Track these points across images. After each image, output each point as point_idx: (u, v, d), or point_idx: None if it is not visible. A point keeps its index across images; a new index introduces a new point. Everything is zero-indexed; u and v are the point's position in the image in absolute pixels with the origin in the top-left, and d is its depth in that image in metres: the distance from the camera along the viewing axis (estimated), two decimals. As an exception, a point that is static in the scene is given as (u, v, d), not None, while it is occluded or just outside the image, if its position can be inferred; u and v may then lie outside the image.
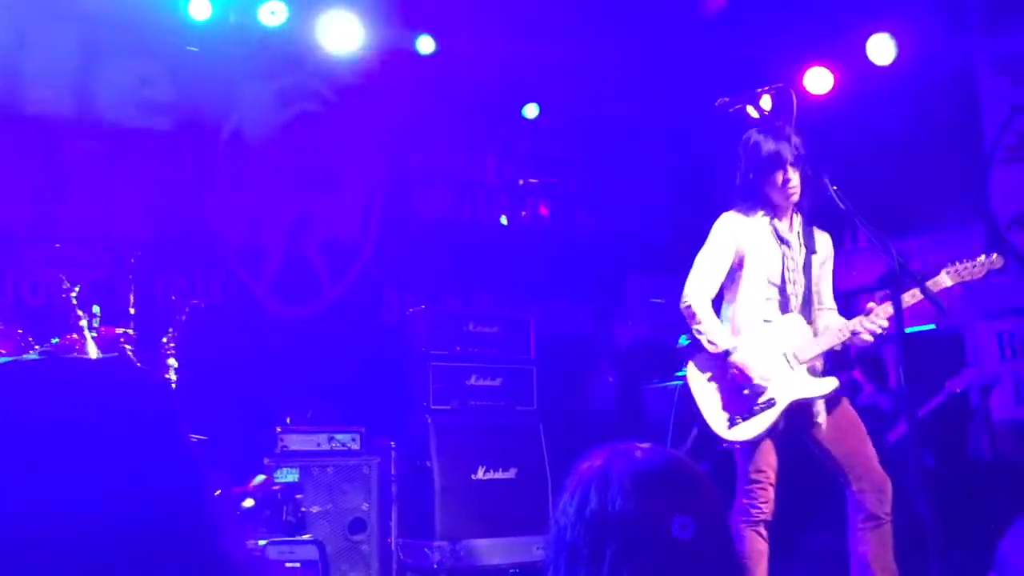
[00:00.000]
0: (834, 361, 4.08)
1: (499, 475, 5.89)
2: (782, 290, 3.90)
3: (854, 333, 3.79)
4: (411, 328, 6.26)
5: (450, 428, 5.90)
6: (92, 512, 0.87)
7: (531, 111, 7.57)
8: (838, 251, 4.23)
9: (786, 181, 3.82)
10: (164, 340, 5.06)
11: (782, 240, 3.91)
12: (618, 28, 6.70)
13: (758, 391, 3.78)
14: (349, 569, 5.53)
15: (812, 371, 3.87)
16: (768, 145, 3.81)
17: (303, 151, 6.92)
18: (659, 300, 7.08)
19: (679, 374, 6.11)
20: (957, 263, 3.75)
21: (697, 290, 3.92)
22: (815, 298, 3.96)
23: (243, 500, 5.00)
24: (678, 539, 1.29)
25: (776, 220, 3.94)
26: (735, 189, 3.97)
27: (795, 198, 3.88)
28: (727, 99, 3.95)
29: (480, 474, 5.85)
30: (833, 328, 3.88)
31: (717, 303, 3.99)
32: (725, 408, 3.83)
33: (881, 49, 6.22)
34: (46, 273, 5.58)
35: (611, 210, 8.03)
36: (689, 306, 3.92)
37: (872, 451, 3.88)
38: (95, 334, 4.78)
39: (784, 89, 3.80)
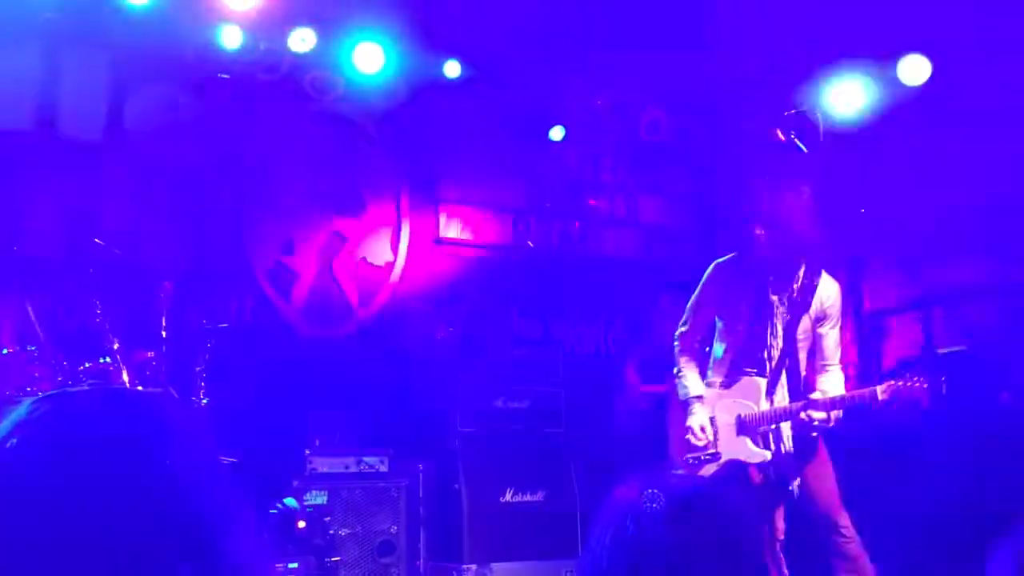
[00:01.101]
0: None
1: (527, 498, 5.87)
2: (758, 349, 3.94)
3: (795, 416, 3.82)
4: (439, 351, 6.27)
5: (478, 451, 5.90)
6: (129, 544, 0.89)
7: (557, 133, 7.59)
8: (868, 273, 4.22)
9: (755, 237, 3.85)
10: (195, 364, 5.11)
11: (765, 301, 3.91)
12: (644, 50, 6.72)
13: (707, 446, 4.00)
14: (378, 592, 5.53)
15: (756, 440, 3.95)
16: (749, 196, 4.01)
17: (333, 175, 6.98)
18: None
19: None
20: (895, 380, 3.66)
21: (681, 336, 4.14)
22: (803, 355, 3.94)
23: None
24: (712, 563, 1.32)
25: (766, 276, 3.93)
26: (729, 236, 4.12)
27: (766, 253, 3.87)
28: (751, 122, 3.95)
29: (508, 497, 5.84)
30: (781, 406, 3.91)
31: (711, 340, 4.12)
32: (683, 447, 4.10)
33: (914, 70, 6.16)
34: (79, 297, 5.67)
35: (641, 232, 8.02)
36: (674, 347, 4.15)
37: (837, 501, 3.95)
38: (127, 358, 4.84)
39: (809, 112, 3.79)
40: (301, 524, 5.10)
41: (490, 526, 5.71)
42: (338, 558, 5.28)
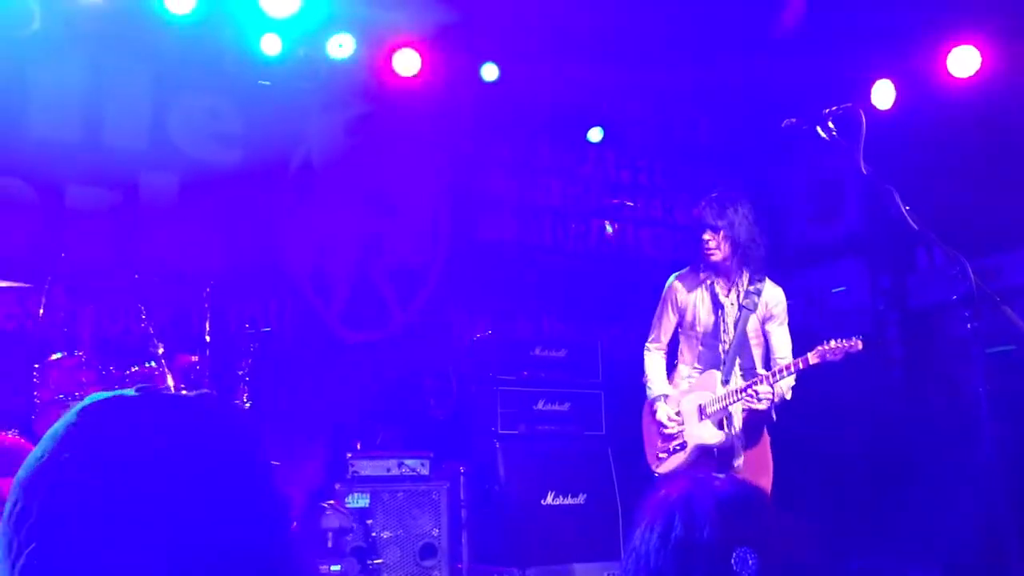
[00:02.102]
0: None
1: (568, 501, 5.86)
2: (713, 347, 4.46)
3: (748, 396, 4.27)
4: (479, 353, 6.28)
5: (519, 453, 5.89)
6: (182, 552, 0.88)
7: (595, 135, 7.58)
8: (914, 271, 4.25)
9: (704, 243, 4.36)
10: (238, 368, 5.17)
11: (717, 303, 4.46)
12: (682, 49, 6.68)
13: (673, 434, 4.48)
14: (420, 595, 5.54)
15: (718, 423, 4.41)
16: (695, 211, 4.44)
17: (371, 179, 7.02)
18: None
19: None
20: (824, 343, 4.18)
21: (648, 344, 4.70)
22: (756, 352, 4.46)
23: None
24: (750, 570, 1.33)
25: (717, 282, 4.47)
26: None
27: (714, 258, 4.36)
28: (794, 120, 3.90)
29: (549, 499, 5.83)
30: (732, 387, 4.37)
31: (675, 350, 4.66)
32: (655, 445, 4.58)
33: (964, 61, 6.07)
34: (125, 303, 5.76)
35: (678, 233, 7.97)
36: (644, 355, 4.69)
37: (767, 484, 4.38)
38: (171, 363, 4.91)
39: (853, 108, 3.74)
40: (335, 523, 5.13)
41: (531, 529, 5.70)
42: (380, 560, 5.30)
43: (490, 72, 6.88)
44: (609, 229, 7.79)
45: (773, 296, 4.50)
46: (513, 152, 7.57)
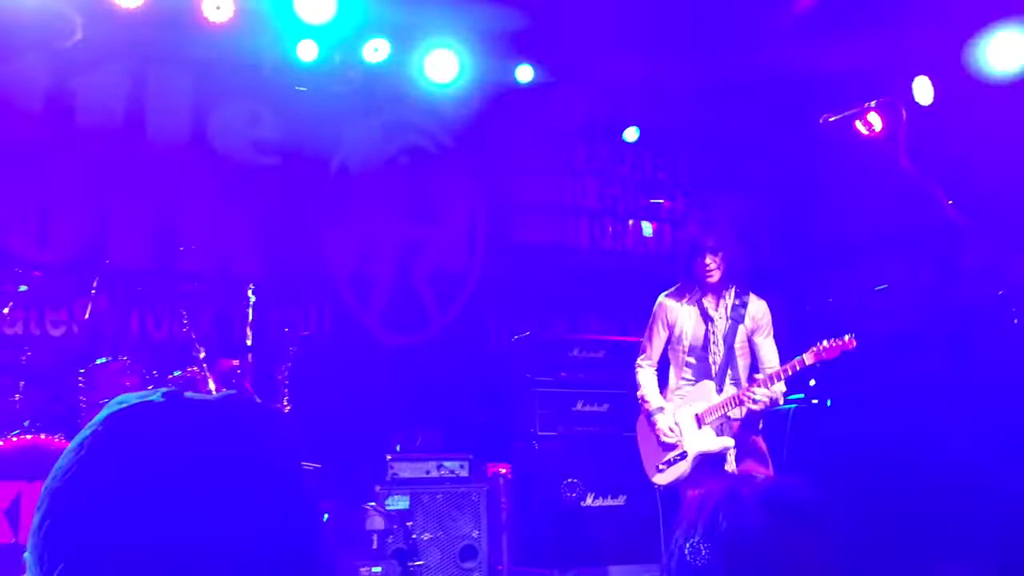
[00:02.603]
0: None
1: (608, 502, 5.83)
2: (703, 359, 4.63)
3: (741, 403, 4.44)
4: (517, 355, 6.28)
5: (558, 455, 5.88)
6: (209, 555, 0.88)
7: (631, 135, 7.55)
8: (954, 269, 4.21)
9: (704, 266, 4.55)
10: (278, 371, 5.22)
11: (707, 317, 4.64)
12: (718, 47, 6.63)
13: (673, 445, 4.57)
14: (461, 596, 5.55)
15: (718, 430, 4.55)
16: (690, 234, 4.66)
17: (409, 183, 7.06)
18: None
19: (791, 397, 5.97)
20: (819, 343, 4.37)
21: (640, 362, 4.83)
22: (742, 362, 4.63)
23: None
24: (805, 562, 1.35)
25: (705, 298, 4.66)
26: (679, 269, 4.73)
27: (713, 278, 4.57)
28: (833, 116, 3.86)
29: (589, 501, 5.81)
30: (727, 396, 4.52)
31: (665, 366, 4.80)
32: (654, 457, 4.67)
33: (1005, 54, 5.95)
34: (168, 308, 5.84)
35: (722, 226, 7.91)
36: (635, 374, 4.81)
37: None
38: (213, 366, 4.97)
39: (893, 102, 3.69)
40: (379, 525, 5.17)
41: (571, 530, 5.68)
42: (421, 562, 5.31)
43: (525, 74, 6.88)
44: (648, 231, 7.76)
45: (759, 309, 4.71)
46: (549, 154, 7.56)
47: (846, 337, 4.36)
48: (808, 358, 4.40)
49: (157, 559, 0.86)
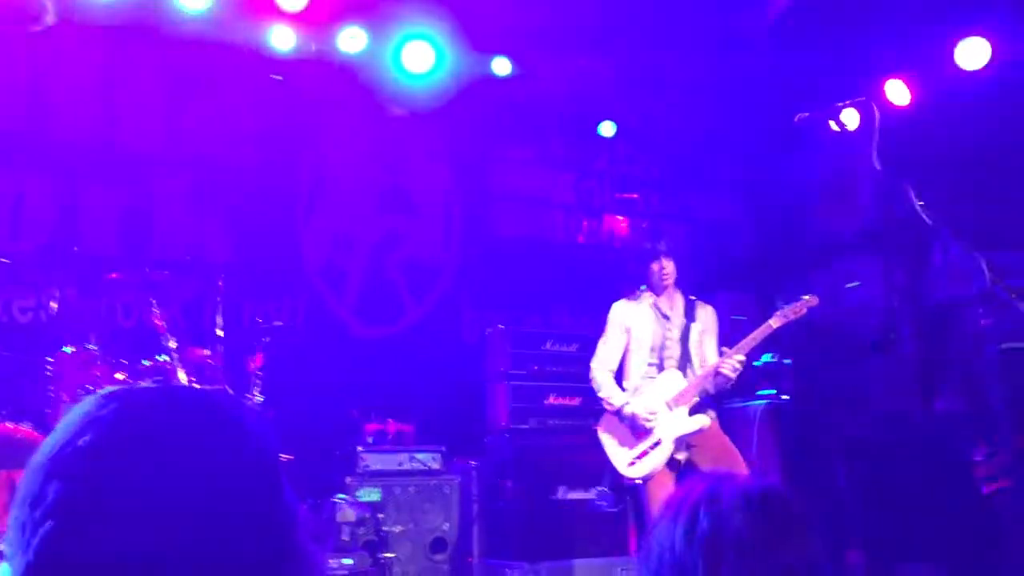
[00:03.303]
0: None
1: (579, 495, 5.85)
2: (660, 356, 4.78)
3: (717, 373, 4.59)
4: (490, 347, 6.28)
5: (529, 448, 5.89)
6: (189, 539, 0.89)
7: (607, 129, 7.55)
8: (926, 268, 4.29)
9: (661, 270, 4.76)
10: (249, 362, 5.18)
11: (664, 316, 4.82)
12: (694, 44, 6.65)
13: (647, 436, 4.61)
14: (431, 588, 5.56)
15: (691, 411, 4.66)
16: (641, 241, 4.96)
17: (384, 174, 7.03)
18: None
19: (760, 393, 6.01)
20: (783, 306, 4.65)
21: (597, 367, 4.91)
22: (695, 358, 4.78)
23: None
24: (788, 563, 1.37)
25: (660, 300, 4.85)
26: (628, 275, 4.94)
27: (668, 282, 4.80)
28: (807, 114, 3.88)
29: (560, 494, 5.82)
30: (701, 373, 4.68)
31: (621, 368, 4.90)
32: (624, 453, 4.70)
33: (972, 54, 6.02)
34: (137, 296, 5.78)
35: (689, 226, 7.95)
36: (593, 379, 4.90)
37: (744, 467, 4.66)
38: (183, 356, 4.93)
39: (866, 102, 3.72)
40: (351, 516, 5.16)
41: (542, 523, 5.70)
42: (391, 555, 5.31)
43: (502, 67, 6.86)
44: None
45: (708, 311, 4.95)
46: (525, 147, 7.55)
47: (806, 297, 4.64)
48: (775, 322, 4.63)
49: (136, 537, 0.86)
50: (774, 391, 6.18)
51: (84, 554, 0.85)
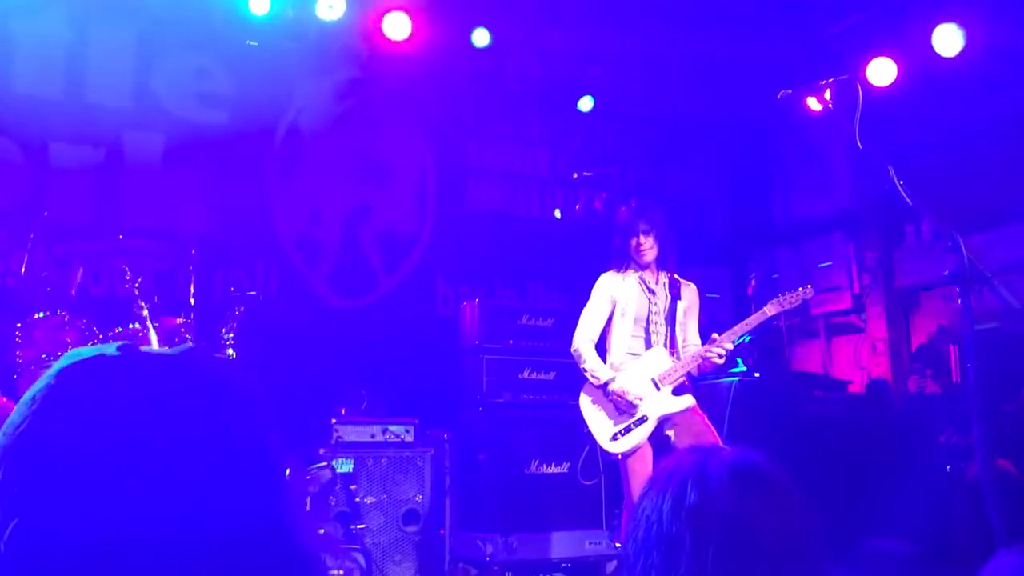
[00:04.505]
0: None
1: (552, 469, 5.88)
2: (647, 330, 4.75)
3: (705, 358, 4.59)
4: (465, 321, 6.27)
5: (503, 421, 5.90)
6: (179, 521, 0.85)
7: (586, 104, 7.53)
8: (900, 248, 4.27)
9: (639, 245, 4.72)
10: (223, 331, 5.14)
11: (650, 291, 4.79)
12: (674, 18, 6.63)
13: (633, 411, 4.61)
14: (402, 559, 5.57)
15: (675, 391, 4.65)
16: (624, 217, 4.81)
17: (359, 144, 6.96)
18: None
19: (734, 370, 6.06)
20: (780, 295, 4.65)
21: (581, 336, 4.82)
22: (679, 336, 4.78)
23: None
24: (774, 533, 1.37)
25: (645, 274, 4.81)
26: (611, 251, 4.86)
27: (648, 258, 4.75)
28: (789, 91, 3.87)
29: (533, 468, 5.85)
30: (688, 355, 4.68)
31: (602, 342, 4.83)
32: (607, 426, 4.68)
33: (948, 40, 6.05)
34: (109, 264, 5.70)
35: (666, 203, 7.96)
36: (576, 349, 4.80)
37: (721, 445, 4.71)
38: (156, 324, 4.87)
39: (848, 81, 3.72)
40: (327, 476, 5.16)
41: (514, 496, 5.72)
42: (363, 525, 5.31)
43: (481, 38, 6.81)
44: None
45: (691, 289, 4.93)
46: (502, 120, 7.52)
47: (801, 289, 4.66)
48: (770, 309, 4.63)
49: (112, 521, 0.83)
50: (744, 368, 6.22)
51: (50, 540, 0.82)
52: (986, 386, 3.18)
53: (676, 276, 4.88)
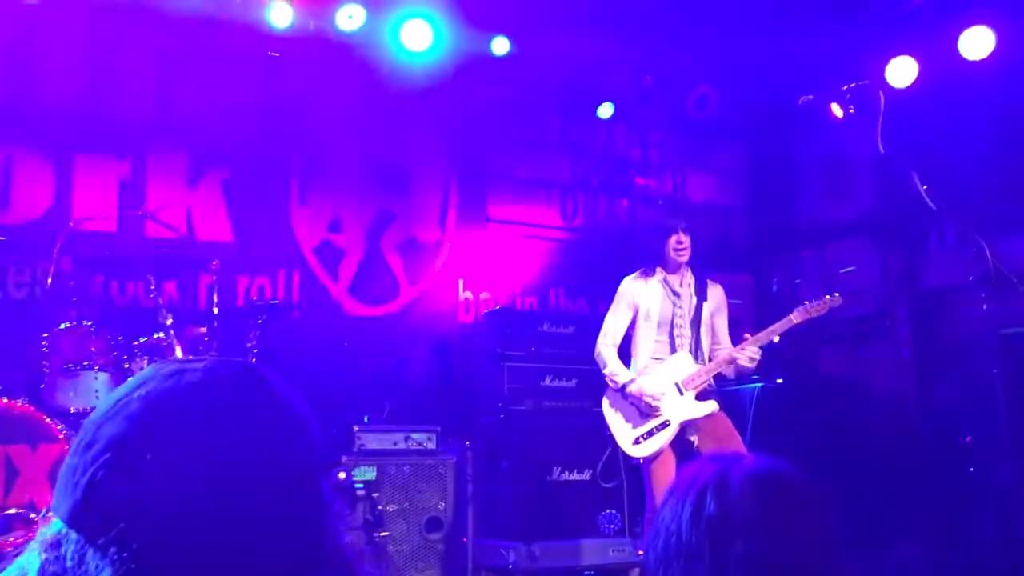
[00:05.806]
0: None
1: (575, 476, 5.87)
2: (671, 335, 4.73)
3: (734, 361, 4.57)
4: (486, 328, 6.27)
5: (525, 429, 5.89)
6: (256, 530, 0.91)
7: (606, 111, 7.53)
8: (924, 253, 4.26)
9: (679, 243, 4.69)
10: (246, 340, 5.17)
11: (674, 293, 4.77)
12: (695, 24, 6.62)
13: (655, 415, 4.58)
14: (425, 567, 5.57)
15: (699, 396, 4.62)
16: (658, 216, 4.86)
17: (380, 153, 6.99)
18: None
19: (754, 377, 6.02)
20: (806, 303, 4.60)
21: (603, 342, 4.86)
22: (705, 339, 4.76)
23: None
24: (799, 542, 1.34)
25: (670, 277, 4.79)
26: (640, 251, 4.85)
27: (684, 257, 4.74)
28: (811, 97, 3.87)
29: (556, 475, 5.83)
30: (720, 357, 4.66)
31: (628, 348, 4.84)
32: (629, 431, 4.67)
33: (978, 43, 5.98)
34: (134, 273, 5.75)
35: (688, 209, 7.94)
36: (599, 354, 4.85)
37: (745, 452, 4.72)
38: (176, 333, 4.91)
39: (870, 86, 3.70)
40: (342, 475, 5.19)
41: (537, 504, 5.71)
42: (386, 533, 5.32)
43: (501, 46, 6.82)
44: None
45: (719, 290, 4.90)
46: (523, 128, 7.52)
47: (828, 297, 4.60)
48: (796, 317, 4.58)
49: (183, 497, 0.88)
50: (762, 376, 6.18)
51: (128, 493, 0.87)
52: (1011, 389, 3.16)
53: (702, 277, 4.86)
